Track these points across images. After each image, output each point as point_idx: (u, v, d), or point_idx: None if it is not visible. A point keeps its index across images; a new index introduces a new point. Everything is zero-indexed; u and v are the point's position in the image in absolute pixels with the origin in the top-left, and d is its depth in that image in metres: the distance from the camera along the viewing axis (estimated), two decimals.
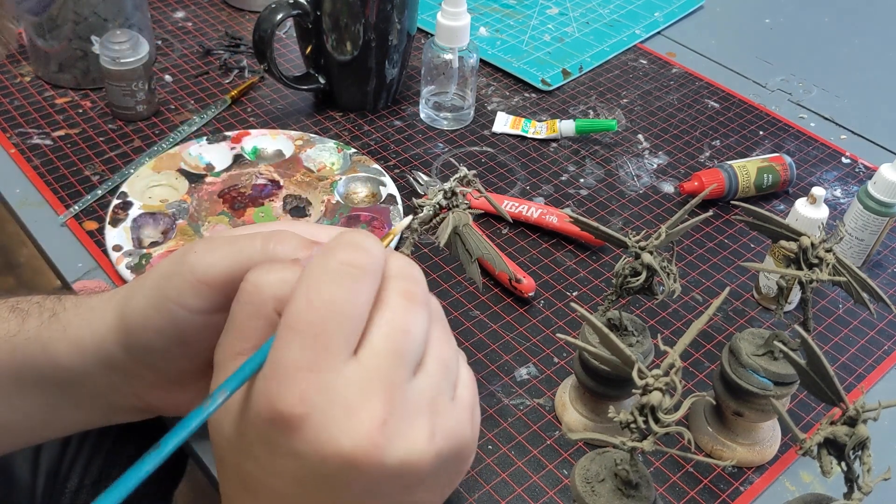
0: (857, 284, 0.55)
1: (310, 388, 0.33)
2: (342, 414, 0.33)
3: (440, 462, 0.36)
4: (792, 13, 1.19)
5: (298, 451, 0.33)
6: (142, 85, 0.86)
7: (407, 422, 0.34)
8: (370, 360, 0.34)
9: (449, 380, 0.37)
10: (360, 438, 0.33)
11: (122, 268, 0.71)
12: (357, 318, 0.34)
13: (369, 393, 0.33)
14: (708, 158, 0.91)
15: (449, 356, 0.38)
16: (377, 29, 0.86)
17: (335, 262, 0.35)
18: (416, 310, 0.36)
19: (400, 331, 0.35)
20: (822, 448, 0.43)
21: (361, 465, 0.33)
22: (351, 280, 0.34)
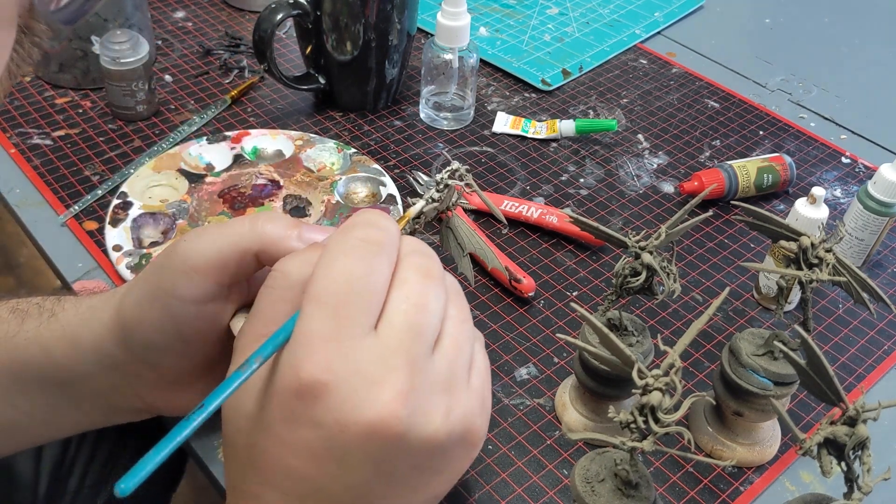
0: (857, 284, 0.55)
1: (334, 357, 0.34)
2: (365, 384, 0.34)
3: (451, 443, 0.37)
4: (792, 13, 1.19)
5: (320, 420, 0.34)
6: (142, 85, 0.86)
7: (426, 398, 0.35)
8: (390, 335, 0.35)
9: (463, 360, 0.38)
10: (382, 409, 0.34)
11: (122, 268, 0.71)
12: (376, 291, 0.35)
13: (391, 366, 0.34)
14: (708, 158, 0.91)
15: (464, 337, 0.38)
16: (377, 29, 0.86)
17: (354, 239, 0.36)
18: (432, 285, 0.37)
19: (418, 306, 0.36)
20: (822, 448, 0.43)
21: (381, 436, 0.34)
22: (370, 255, 0.36)
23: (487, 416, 0.41)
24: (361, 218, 0.38)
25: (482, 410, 0.40)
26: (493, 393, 0.65)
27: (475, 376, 0.40)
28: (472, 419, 0.38)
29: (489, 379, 0.41)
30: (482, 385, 0.40)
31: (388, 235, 0.37)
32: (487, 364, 0.42)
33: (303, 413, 0.34)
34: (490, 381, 0.41)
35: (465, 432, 0.38)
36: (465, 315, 0.40)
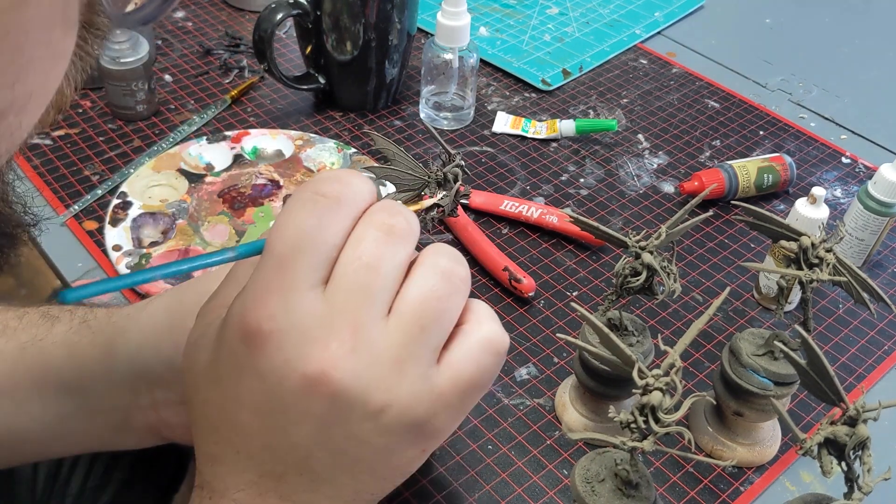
0: (858, 284, 0.55)
1: (276, 307, 0.34)
2: (304, 339, 0.34)
3: (391, 426, 0.35)
4: (792, 13, 1.19)
5: (262, 369, 0.34)
6: (142, 85, 0.86)
7: (367, 366, 0.34)
8: (336, 294, 0.34)
9: (430, 338, 0.35)
10: (317, 365, 0.33)
11: (121, 267, 0.71)
12: (324, 246, 0.35)
13: (332, 326, 0.34)
14: (708, 158, 0.91)
15: (437, 310, 0.35)
16: (377, 29, 0.86)
17: (308, 192, 0.35)
18: (392, 245, 0.35)
19: (369, 267, 0.34)
20: (823, 448, 0.43)
21: (317, 393, 0.34)
22: (321, 208, 0.35)
23: (458, 412, 0.37)
24: (327, 173, 0.37)
25: (446, 406, 0.36)
26: (493, 393, 0.65)
27: (452, 364, 0.36)
28: (420, 408, 0.35)
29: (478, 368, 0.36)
30: (450, 385, 0.35)
31: (348, 190, 0.35)
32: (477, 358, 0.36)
33: (247, 361, 0.34)
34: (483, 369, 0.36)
35: (413, 421, 0.35)
36: (444, 286, 0.35)
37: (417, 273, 0.36)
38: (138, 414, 0.49)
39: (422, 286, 0.35)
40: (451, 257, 0.37)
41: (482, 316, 0.37)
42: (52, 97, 0.27)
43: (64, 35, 0.26)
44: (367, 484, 0.38)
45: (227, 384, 0.36)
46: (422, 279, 0.35)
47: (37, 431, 0.50)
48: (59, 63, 0.27)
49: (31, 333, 0.49)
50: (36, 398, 0.49)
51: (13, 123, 0.25)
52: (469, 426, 0.63)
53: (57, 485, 0.70)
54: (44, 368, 0.49)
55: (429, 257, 0.36)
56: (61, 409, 0.49)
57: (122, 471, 0.71)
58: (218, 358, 0.36)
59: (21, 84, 0.24)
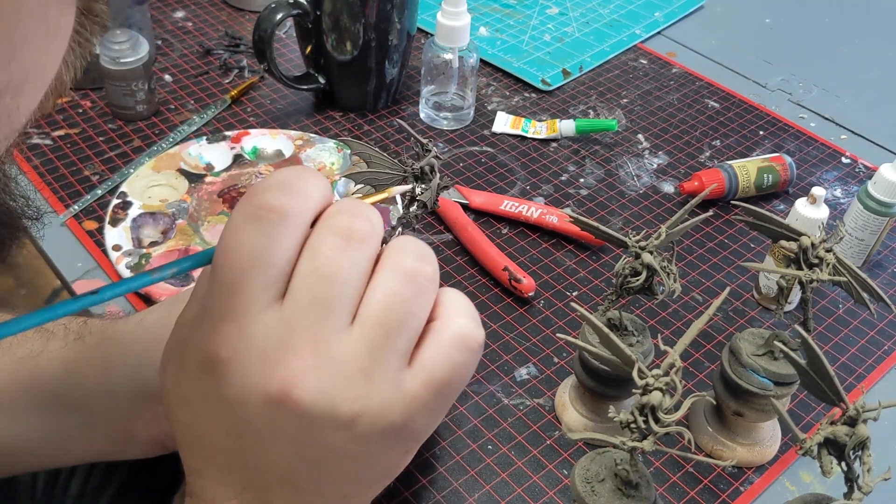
0: (858, 284, 0.55)
1: (231, 333, 0.33)
2: (262, 360, 0.33)
3: (366, 434, 0.34)
4: (792, 13, 1.19)
5: (225, 395, 0.33)
6: (142, 85, 0.86)
7: (332, 379, 0.33)
8: (293, 309, 0.33)
9: (397, 342, 0.33)
10: (279, 385, 0.32)
11: (121, 267, 0.71)
12: (275, 265, 0.33)
13: (291, 344, 0.33)
14: (708, 158, 0.91)
15: (402, 312, 0.33)
16: (377, 29, 0.86)
17: (252, 207, 0.33)
18: (349, 249, 0.33)
19: (326, 278, 0.33)
20: (823, 448, 0.43)
21: (283, 412, 0.33)
22: (268, 225, 0.33)
23: (435, 412, 0.36)
24: (270, 181, 0.34)
25: (422, 408, 0.34)
26: (493, 393, 0.65)
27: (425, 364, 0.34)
28: (394, 414, 0.34)
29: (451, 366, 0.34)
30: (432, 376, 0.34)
31: (298, 200, 0.33)
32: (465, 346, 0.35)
33: (210, 388, 0.34)
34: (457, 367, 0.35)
35: (388, 427, 0.34)
36: (414, 286, 0.34)
37: (380, 276, 0.34)
38: (141, 427, 0.49)
39: (385, 291, 0.33)
40: (415, 255, 0.35)
41: (453, 310, 0.35)
42: (51, 81, 0.27)
43: (60, 12, 0.25)
44: (353, 488, 0.37)
45: (196, 408, 0.35)
46: (384, 283, 0.34)
47: (38, 444, 0.50)
48: (55, 42, 0.26)
49: (27, 348, 0.49)
50: (35, 412, 0.49)
51: (10, 105, 0.25)
52: (469, 426, 0.63)
53: (57, 486, 0.70)
54: (41, 385, 0.48)
55: (391, 257, 0.34)
56: (62, 423, 0.49)
57: (122, 473, 0.71)
58: (182, 383, 0.35)
59: (17, 62, 0.24)
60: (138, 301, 0.70)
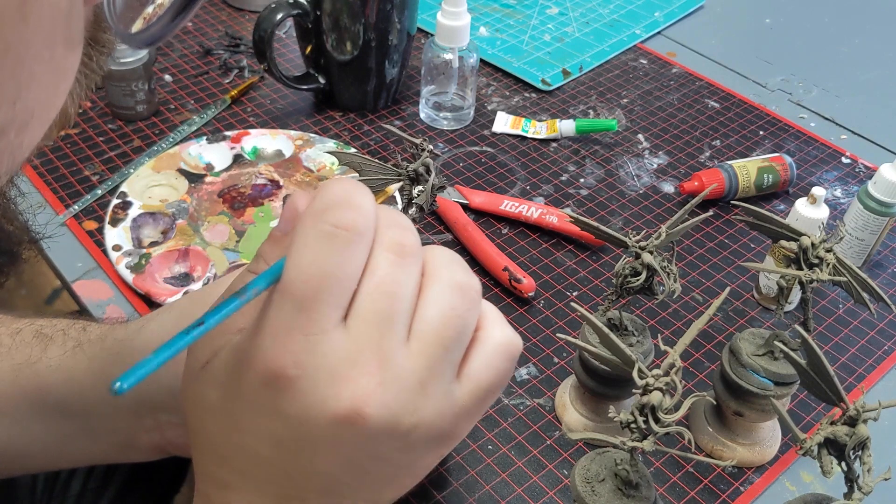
0: (858, 284, 0.55)
1: (300, 351, 0.33)
2: (331, 379, 0.33)
3: (418, 442, 0.35)
4: (792, 13, 1.19)
5: (285, 411, 0.33)
6: (142, 85, 0.86)
7: (394, 394, 0.33)
8: (359, 327, 0.33)
9: (449, 356, 0.35)
10: (347, 405, 0.33)
11: (121, 267, 0.71)
12: (347, 282, 0.33)
13: (359, 361, 0.33)
14: (708, 158, 0.91)
15: (453, 324, 0.35)
16: (377, 29, 0.86)
17: (326, 225, 0.33)
18: (406, 265, 0.34)
19: (389, 294, 0.34)
20: (823, 448, 0.43)
21: (346, 431, 0.33)
22: (342, 244, 0.33)
23: (476, 417, 0.38)
24: (334, 195, 0.34)
25: (466, 415, 0.36)
26: None
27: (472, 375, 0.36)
28: (444, 423, 0.35)
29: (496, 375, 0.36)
30: (469, 396, 0.36)
31: (364, 217, 0.34)
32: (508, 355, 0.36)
33: (268, 403, 0.34)
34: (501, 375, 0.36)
35: (437, 435, 0.35)
36: (467, 300, 0.35)
37: (435, 290, 0.35)
38: (143, 435, 0.49)
39: (442, 305, 0.35)
40: (464, 269, 0.36)
41: (494, 321, 0.37)
42: (56, 115, 0.27)
43: (67, 52, 0.25)
44: (385, 492, 0.38)
45: (245, 422, 0.35)
46: (441, 297, 0.35)
47: (39, 449, 0.50)
48: (62, 81, 0.26)
49: (25, 354, 0.49)
50: (36, 418, 0.49)
51: (14, 142, 0.25)
52: None
53: (57, 486, 0.70)
54: (40, 392, 0.48)
55: (443, 271, 0.35)
56: (63, 430, 0.49)
57: (123, 472, 0.71)
58: (232, 396, 0.35)
59: (22, 102, 0.24)
60: (139, 302, 0.70)
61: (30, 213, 0.37)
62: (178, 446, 0.49)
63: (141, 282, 0.70)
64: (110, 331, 0.50)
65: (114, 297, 0.71)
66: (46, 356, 0.48)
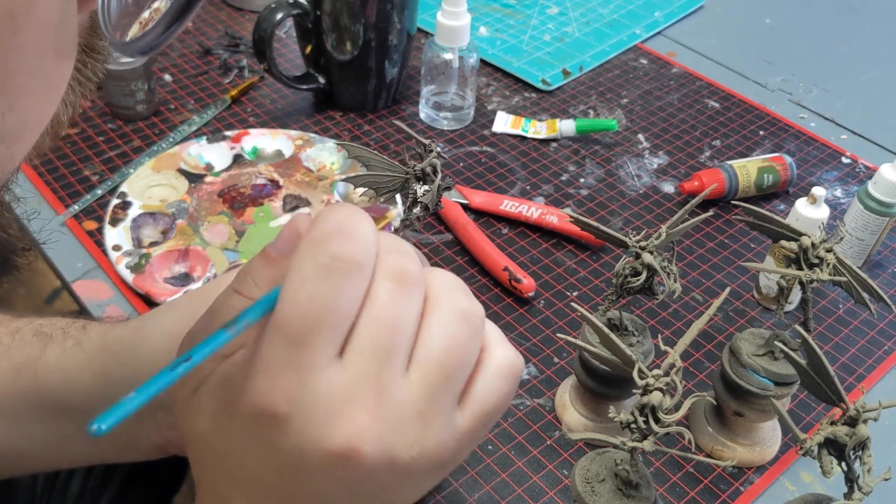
0: (858, 284, 0.55)
1: (294, 388, 0.32)
2: (326, 416, 0.32)
3: (418, 471, 0.34)
4: (792, 13, 1.19)
5: (279, 445, 0.33)
6: (142, 85, 0.86)
7: (392, 426, 0.33)
8: (356, 361, 0.32)
9: (450, 386, 0.34)
10: (342, 441, 0.32)
11: (121, 267, 0.71)
12: (344, 316, 0.32)
13: (355, 396, 0.32)
14: (708, 158, 0.91)
15: (456, 353, 0.34)
16: (377, 29, 0.86)
17: (325, 257, 0.32)
18: (404, 293, 0.33)
19: (389, 327, 0.33)
20: (823, 448, 0.43)
21: (342, 464, 0.33)
22: (341, 277, 0.32)
23: (479, 439, 0.37)
24: (334, 224, 0.33)
25: (468, 440, 0.35)
26: None
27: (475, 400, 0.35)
28: (446, 452, 0.34)
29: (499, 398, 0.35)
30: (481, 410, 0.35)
31: (365, 248, 0.33)
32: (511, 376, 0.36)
33: (262, 437, 0.33)
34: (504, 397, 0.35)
35: (438, 464, 0.34)
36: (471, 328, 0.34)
37: (437, 318, 0.34)
38: (142, 436, 0.48)
39: (445, 333, 0.34)
40: (467, 295, 0.35)
41: (495, 341, 0.36)
42: (48, 125, 0.26)
43: (58, 63, 0.25)
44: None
45: (240, 450, 0.34)
46: (444, 325, 0.34)
47: (38, 448, 0.50)
48: (53, 92, 0.26)
49: (25, 353, 0.49)
50: (35, 419, 0.49)
51: (5, 153, 0.24)
52: None
53: (57, 485, 0.70)
54: (40, 391, 0.48)
55: (445, 297, 0.34)
56: (62, 430, 0.49)
57: (122, 472, 0.71)
58: (223, 426, 0.34)
59: (13, 114, 0.24)
60: (139, 302, 0.70)
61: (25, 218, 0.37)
62: (178, 446, 0.49)
63: (141, 282, 0.70)
64: (110, 329, 0.49)
65: (114, 297, 0.71)
66: (46, 355, 0.48)
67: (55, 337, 0.49)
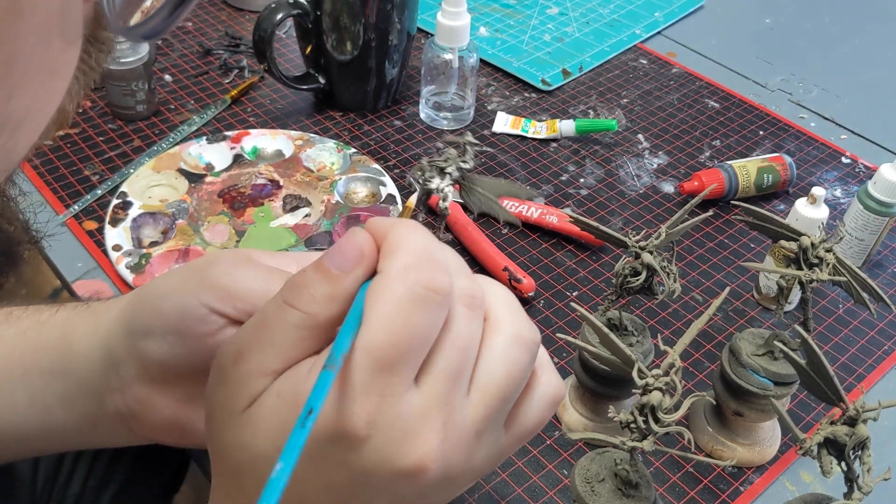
0: (858, 284, 0.55)
1: (377, 411, 0.33)
2: (400, 438, 0.33)
3: (463, 483, 0.36)
4: (792, 13, 1.19)
5: (349, 464, 0.33)
6: (142, 85, 0.86)
7: (453, 446, 0.34)
8: (433, 385, 0.33)
9: (504, 406, 0.35)
10: (411, 463, 0.33)
11: (121, 267, 0.71)
12: (430, 343, 0.33)
13: (427, 418, 0.33)
14: (708, 158, 0.91)
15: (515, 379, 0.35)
16: (377, 29, 0.86)
17: (418, 286, 0.33)
18: (475, 318, 0.35)
19: (463, 351, 0.34)
20: (822, 448, 0.43)
21: (406, 484, 0.34)
22: (434, 308, 0.33)
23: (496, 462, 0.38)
24: (421, 250, 0.34)
25: (505, 457, 0.37)
26: None
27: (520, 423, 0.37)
28: (488, 468, 0.36)
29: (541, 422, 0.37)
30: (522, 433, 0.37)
31: (449, 277, 0.34)
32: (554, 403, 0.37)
33: (332, 456, 0.33)
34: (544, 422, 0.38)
35: (475, 479, 0.37)
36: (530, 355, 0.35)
37: (499, 343, 0.35)
38: (109, 398, 0.48)
39: (507, 359, 0.35)
40: (526, 318, 0.36)
41: (545, 367, 0.37)
42: (53, 114, 0.26)
43: (64, 49, 0.25)
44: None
45: (298, 471, 0.33)
46: (506, 351, 0.35)
47: (18, 426, 0.50)
48: (58, 79, 0.25)
49: (35, 318, 0.49)
50: (22, 388, 0.49)
51: (9, 142, 0.24)
52: None
53: (57, 484, 0.70)
54: (36, 351, 0.48)
55: (506, 321, 0.35)
56: (45, 400, 0.49)
57: (123, 471, 0.71)
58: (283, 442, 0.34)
59: (16, 100, 0.23)
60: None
61: (30, 211, 0.37)
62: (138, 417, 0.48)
63: (141, 282, 0.70)
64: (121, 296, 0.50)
65: (114, 297, 0.71)
66: (55, 318, 0.49)
67: (68, 305, 0.50)
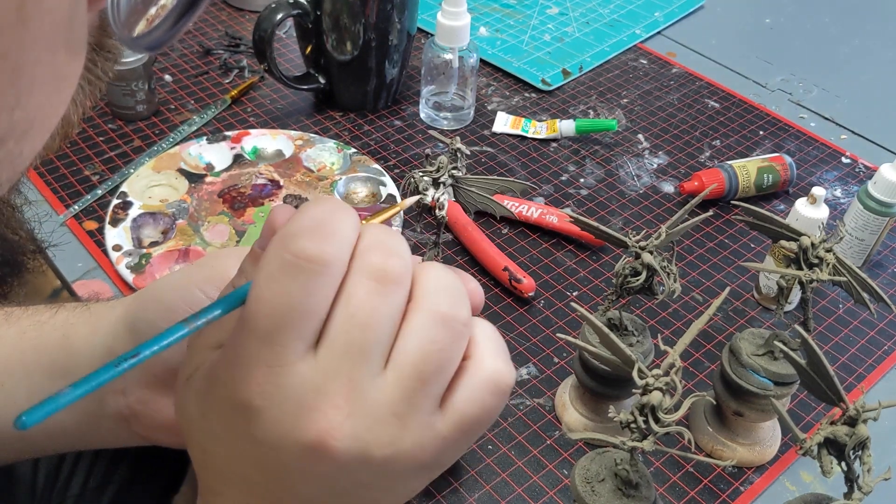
0: (858, 284, 0.55)
1: (266, 381, 0.32)
2: (298, 409, 0.32)
3: (400, 471, 0.34)
4: (792, 13, 1.19)
5: (257, 437, 0.33)
6: (142, 85, 0.86)
7: (366, 424, 0.33)
8: (328, 358, 0.32)
9: (432, 386, 0.33)
10: (315, 435, 0.32)
11: (121, 267, 0.71)
12: (311, 314, 0.32)
13: (326, 391, 0.32)
14: (708, 158, 0.91)
15: (433, 357, 0.33)
16: (377, 29, 0.86)
17: (290, 255, 0.32)
18: (386, 293, 0.33)
19: (363, 326, 0.32)
20: (823, 448, 0.43)
21: (318, 458, 0.33)
22: (306, 276, 0.32)
23: (463, 448, 0.36)
24: (307, 220, 0.32)
25: (450, 447, 0.35)
26: None
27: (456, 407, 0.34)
28: (425, 455, 0.34)
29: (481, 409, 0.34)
30: (463, 418, 0.34)
31: (336, 246, 0.32)
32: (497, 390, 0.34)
33: (241, 428, 0.33)
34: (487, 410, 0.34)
35: (419, 466, 0.34)
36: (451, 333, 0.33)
37: (416, 321, 0.33)
38: (110, 399, 0.49)
39: (421, 337, 0.33)
40: (452, 297, 0.34)
41: (487, 350, 0.35)
42: (58, 124, 0.26)
43: (69, 58, 0.25)
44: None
45: (224, 441, 0.35)
46: (421, 329, 0.33)
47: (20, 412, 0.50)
48: (63, 88, 0.25)
49: (34, 319, 0.50)
50: (23, 388, 0.49)
51: (13, 151, 0.24)
52: None
53: (57, 485, 0.70)
54: (37, 351, 0.49)
55: (426, 299, 0.34)
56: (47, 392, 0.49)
57: (123, 471, 0.71)
58: (208, 415, 0.35)
59: (22, 109, 0.23)
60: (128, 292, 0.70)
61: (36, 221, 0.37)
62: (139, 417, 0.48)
63: (141, 282, 0.70)
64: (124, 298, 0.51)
65: (114, 297, 0.71)
66: (55, 318, 0.49)
67: (68, 305, 0.50)
